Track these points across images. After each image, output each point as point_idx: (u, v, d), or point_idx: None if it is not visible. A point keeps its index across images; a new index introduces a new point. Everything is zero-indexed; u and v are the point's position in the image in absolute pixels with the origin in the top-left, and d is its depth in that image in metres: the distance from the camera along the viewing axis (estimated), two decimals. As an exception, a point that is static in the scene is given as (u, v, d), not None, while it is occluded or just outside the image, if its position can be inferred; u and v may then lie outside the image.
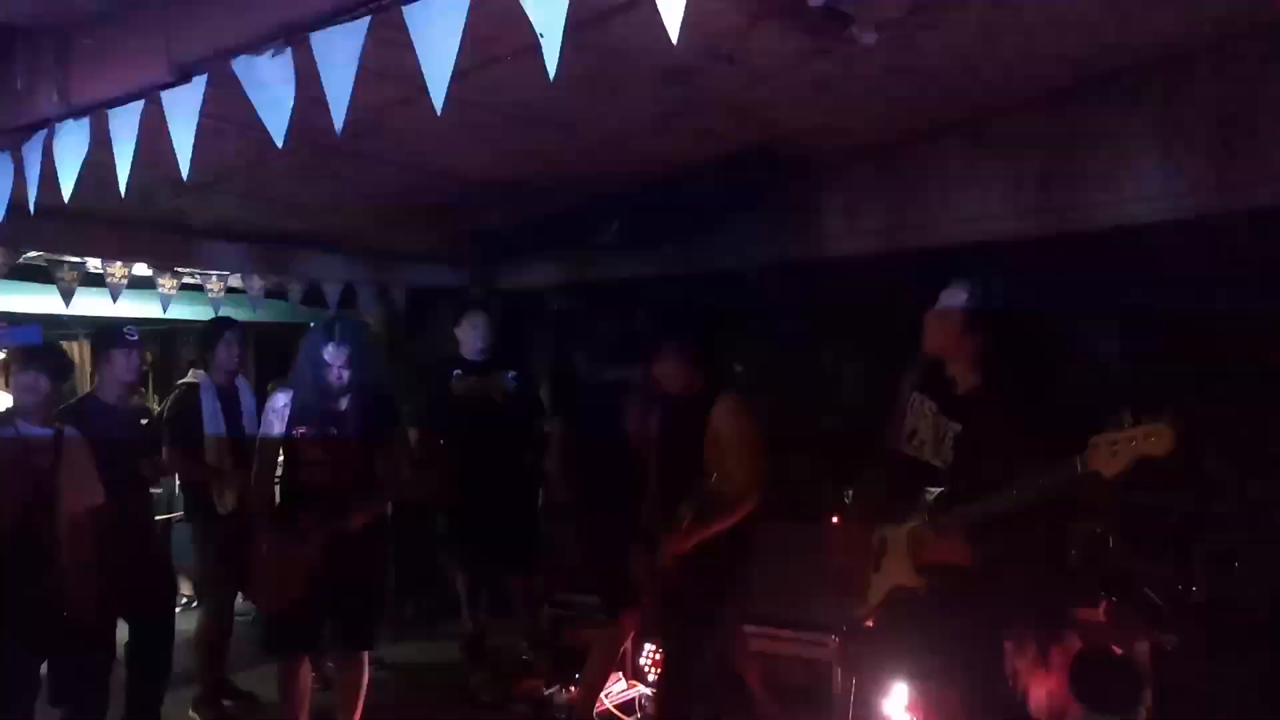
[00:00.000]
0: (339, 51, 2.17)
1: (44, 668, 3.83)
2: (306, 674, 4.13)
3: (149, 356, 9.66)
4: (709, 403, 3.58)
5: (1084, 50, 3.86)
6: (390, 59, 2.39)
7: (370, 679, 4.14)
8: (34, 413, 3.79)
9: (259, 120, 2.29)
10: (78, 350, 8.20)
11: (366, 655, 4.12)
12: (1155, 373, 5.16)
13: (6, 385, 3.88)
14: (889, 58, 3.58)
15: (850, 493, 4.07)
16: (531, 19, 1.88)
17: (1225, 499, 4.43)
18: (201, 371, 5.07)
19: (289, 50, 2.26)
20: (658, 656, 4.89)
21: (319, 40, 2.20)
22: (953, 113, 4.45)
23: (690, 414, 3.60)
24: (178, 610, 6.76)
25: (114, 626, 4.23)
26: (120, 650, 4.39)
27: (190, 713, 4.89)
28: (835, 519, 3.84)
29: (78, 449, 3.84)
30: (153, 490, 7.07)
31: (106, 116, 2.63)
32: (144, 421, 4.52)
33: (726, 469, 3.50)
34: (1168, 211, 4.16)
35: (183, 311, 6.23)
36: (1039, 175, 4.46)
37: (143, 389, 9.32)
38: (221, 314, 5.48)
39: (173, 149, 2.46)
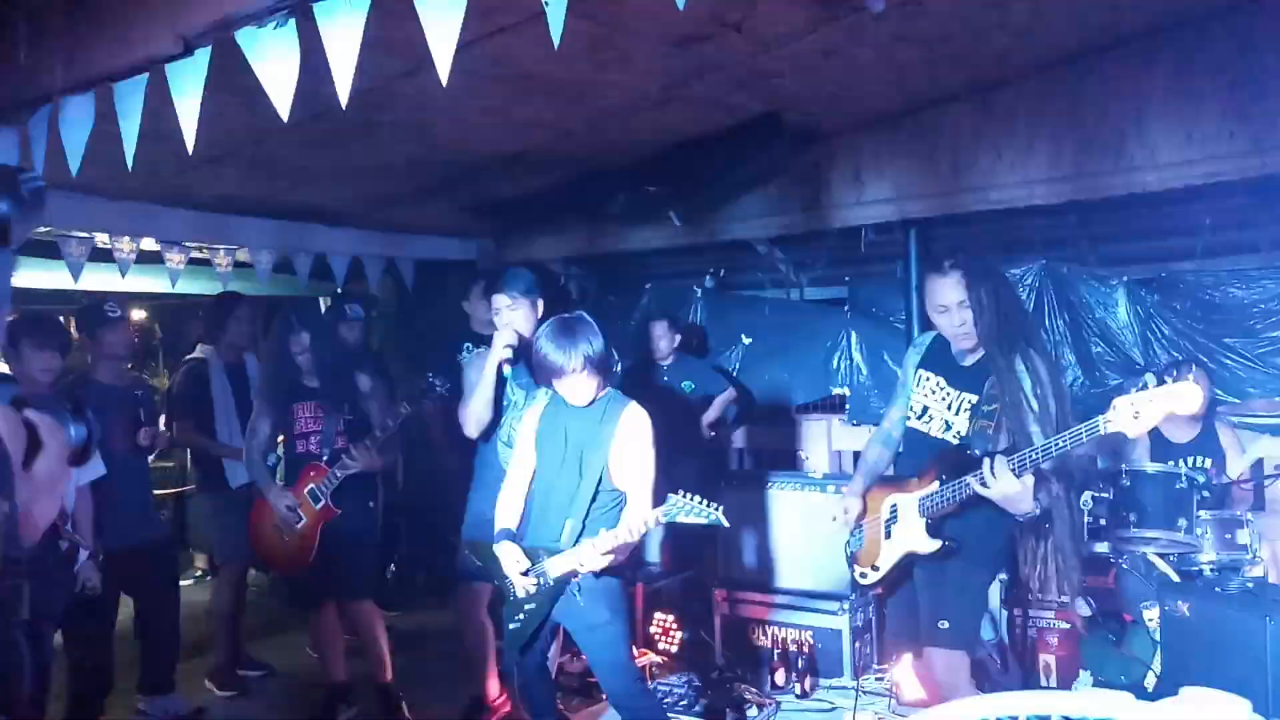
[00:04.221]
0: (343, 23, 2.15)
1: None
2: (334, 620, 4.43)
3: (157, 330, 9.71)
4: (612, 410, 3.41)
5: (1095, 15, 3.82)
6: (396, 30, 2.38)
7: (384, 629, 4.45)
8: (45, 390, 3.82)
9: (265, 93, 2.28)
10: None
11: (368, 606, 4.41)
12: (1164, 337, 5.17)
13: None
14: (898, 25, 3.54)
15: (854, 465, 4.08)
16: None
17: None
18: (210, 347, 5.09)
19: (292, 21, 2.25)
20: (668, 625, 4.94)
21: (323, 11, 2.18)
22: (963, 80, 4.41)
23: (592, 421, 3.40)
24: (191, 582, 6.87)
25: (118, 597, 4.31)
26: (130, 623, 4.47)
27: (206, 682, 4.95)
28: (844, 489, 3.86)
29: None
30: (166, 464, 7.12)
31: (111, 90, 2.62)
32: (139, 393, 4.55)
33: (638, 479, 3.33)
34: (1181, 178, 4.13)
35: (191, 286, 6.25)
36: (1049, 143, 4.43)
37: (152, 363, 9.38)
38: (229, 289, 5.49)
39: (178, 122, 2.46)
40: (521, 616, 3.45)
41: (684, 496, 3.11)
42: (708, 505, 3.10)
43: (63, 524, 3.73)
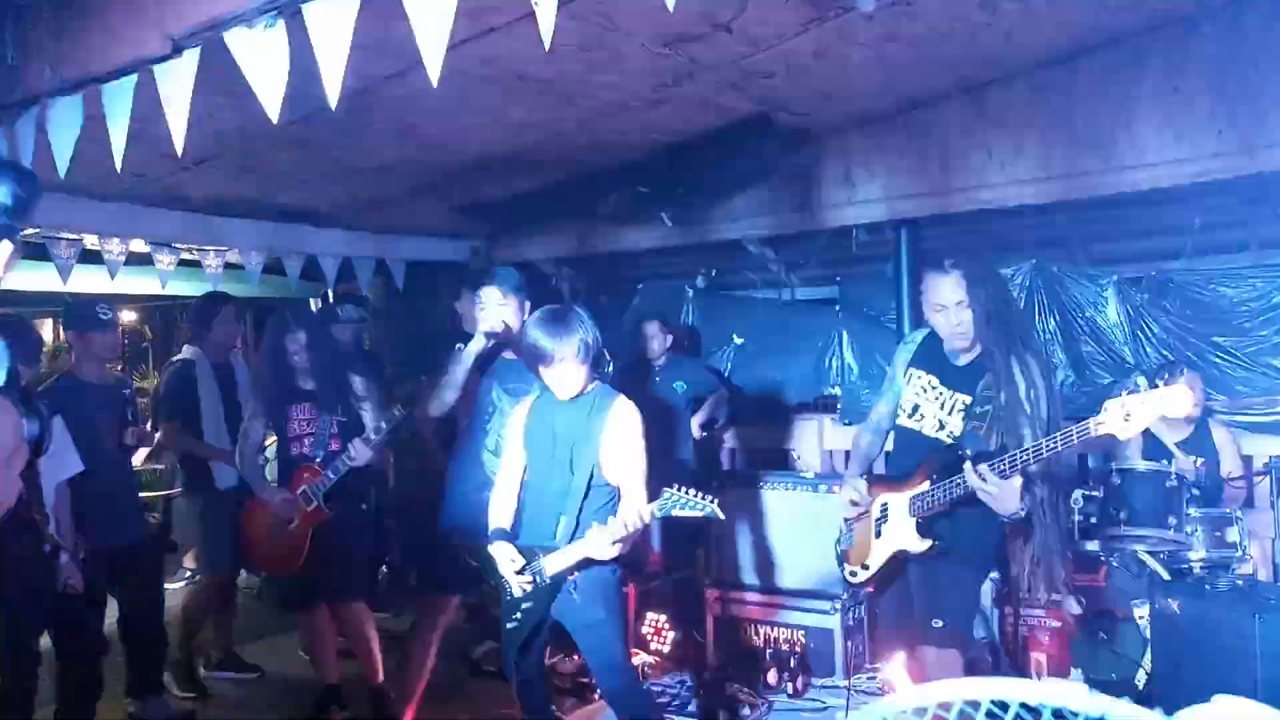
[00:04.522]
0: (333, 23, 2.15)
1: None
2: (326, 622, 4.40)
3: (147, 332, 9.68)
4: (601, 403, 3.38)
5: (1085, 15, 3.83)
6: (386, 30, 2.37)
7: (376, 631, 4.43)
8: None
9: (254, 94, 2.27)
10: (52, 327, 8.15)
11: (359, 607, 4.40)
12: (1155, 337, 5.19)
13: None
14: (888, 25, 3.55)
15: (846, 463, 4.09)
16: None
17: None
18: (196, 347, 5.06)
19: (281, 22, 2.24)
20: (660, 625, 4.94)
21: (312, 11, 2.18)
22: (953, 80, 4.42)
23: (581, 415, 3.37)
24: (181, 585, 6.83)
25: (105, 597, 4.28)
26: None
27: (165, 676, 4.89)
28: (836, 488, 3.86)
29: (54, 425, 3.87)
30: (157, 467, 7.08)
31: (100, 91, 2.61)
32: (124, 393, 4.53)
33: (630, 473, 3.30)
34: (1170, 177, 4.14)
35: (181, 287, 6.22)
36: (1039, 143, 4.44)
37: (142, 365, 9.35)
38: (218, 290, 5.47)
39: (167, 123, 2.45)
40: (518, 616, 3.44)
41: (679, 490, 3.11)
42: (703, 498, 3.10)
43: (44, 524, 3.72)
